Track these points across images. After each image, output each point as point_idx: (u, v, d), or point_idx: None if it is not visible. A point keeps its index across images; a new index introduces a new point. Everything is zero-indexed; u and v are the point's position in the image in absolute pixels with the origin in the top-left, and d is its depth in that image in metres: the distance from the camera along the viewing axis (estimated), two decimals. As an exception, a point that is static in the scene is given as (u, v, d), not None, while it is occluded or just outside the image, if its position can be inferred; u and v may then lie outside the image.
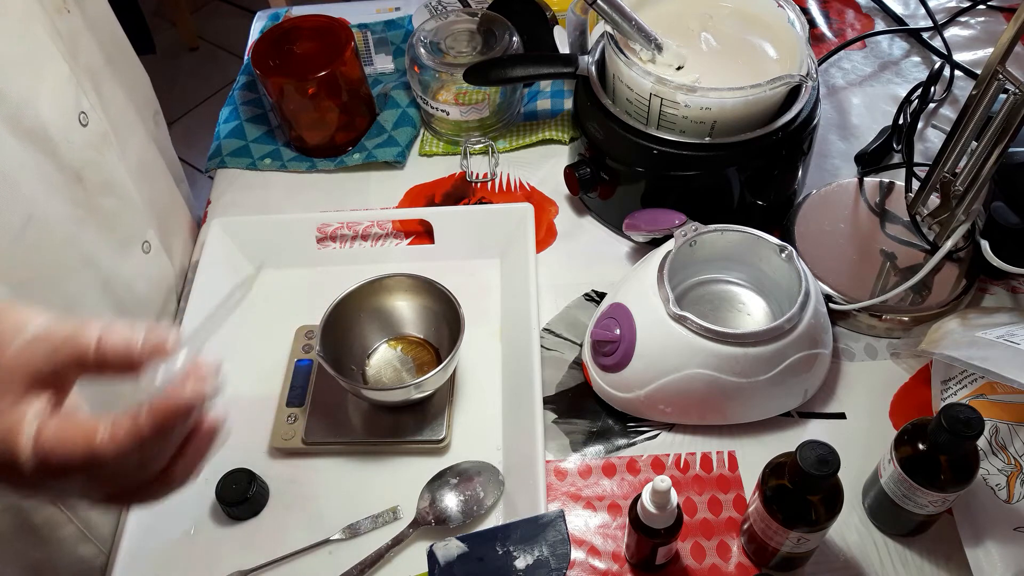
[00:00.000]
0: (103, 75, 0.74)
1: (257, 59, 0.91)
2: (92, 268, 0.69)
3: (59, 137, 0.63)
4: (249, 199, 0.95)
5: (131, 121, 0.78)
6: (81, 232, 0.67)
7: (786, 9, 0.81)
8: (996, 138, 0.67)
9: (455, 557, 0.60)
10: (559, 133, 0.97)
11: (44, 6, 0.64)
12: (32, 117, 0.61)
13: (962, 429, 0.55)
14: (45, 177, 0.63)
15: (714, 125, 0.76)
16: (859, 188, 0.88)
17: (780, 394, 0.71)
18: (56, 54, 0.64)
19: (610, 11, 0.76)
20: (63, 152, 0.64)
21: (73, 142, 0.65)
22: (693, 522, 0.68)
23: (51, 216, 0.64)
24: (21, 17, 0.61)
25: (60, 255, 0.66)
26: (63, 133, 0.64)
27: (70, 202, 0.66)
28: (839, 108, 1.00)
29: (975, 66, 1.02)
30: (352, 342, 0.76)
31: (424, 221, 0.87)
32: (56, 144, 0.63)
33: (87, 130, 0.67)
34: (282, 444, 0.73)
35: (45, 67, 0.63)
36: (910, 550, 0.66)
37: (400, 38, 1.11)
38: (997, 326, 0.71)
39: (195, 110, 2.39)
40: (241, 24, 1.23)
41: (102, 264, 0.70)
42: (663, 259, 0.71)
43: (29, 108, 0.60)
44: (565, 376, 0.78)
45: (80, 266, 0.68)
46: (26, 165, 0.61)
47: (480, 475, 0.69)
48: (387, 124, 0.98)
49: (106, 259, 0.71)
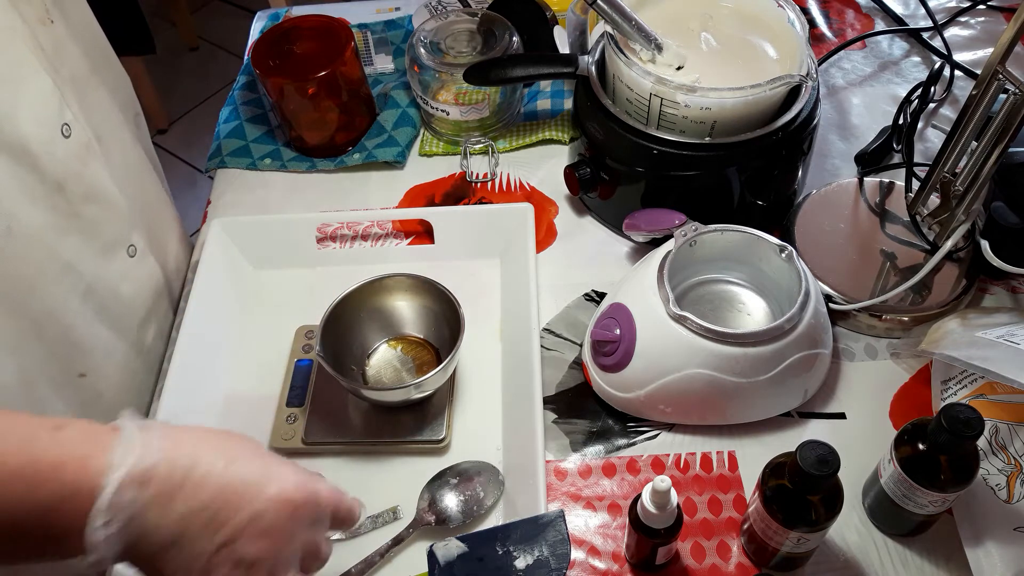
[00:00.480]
0: (88, 83, 0.74)
1: (257, 59, 0.91)
2: (73, 275, 0.69)
3: (40, 150, 0.64)
4: (249, 199, 0.95)
5: (116, 125, 0.78)
6: (62, 240, 0.67)
7: (786, 9, 0.81)
8: (996, 138, 0.67)
9: (455, 557, 0.60)
10: (559, 133, 0.97)
11: (26, 19, 0.64)
12: (11, 131, 0.61)
13: (962, 429, 0.55)
14: (25, 189, 0.63)
15: (714, 125, 0.76)
16: (859, 188, 0.88)
17: (780, 394, 0.71)
18: (38, 68, 0.64)
19: (610, 11, 0.76)
20: (44, 164, 0.64)
21: (55, 154, 0.65)
22: (693, 522, 0.68)
23: (31, 226, 0.64)
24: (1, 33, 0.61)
25: (40, 264, 0.66)
26: (45, 146, 0.64)
27: (51, 211, 0.66)
28: (839, 108, 1.00)
29: (975, 66, 1.02)
30: (352, 342, 0.76)
31: (424, 221, 0.87)
32: (37, 157, 0.63)
33: (70, 141, 0.67)
34: (282, 444, 0.73)
35: (26, 81, 0.63)
36: (910, 550, 0.66)
37: (400, 38, 1.11)
38: (997, 326, 0.71)
39: (195, 110, 2.39)
40: (241, 24, 1.23)
41: (84, 270, 0.70)
42: (663, 259, 0.71)
43: (7, 123, 0.61)
44: (565, 376, 0.78)
45: (60, 274, 0.68)
46: (5, 178, 0.61)
47: (480, 475, 0.69)
48: (387, 124, 0.98)
49: (88, 265, 0.71)
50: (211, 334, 0.79)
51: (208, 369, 0.77)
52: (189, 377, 0.74)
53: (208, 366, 0.78)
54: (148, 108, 2.22)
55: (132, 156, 0.82)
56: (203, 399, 0.75)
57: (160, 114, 2.31)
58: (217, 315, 0.81)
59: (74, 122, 0.67)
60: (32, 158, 0.63)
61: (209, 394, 0.76)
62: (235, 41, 2.54)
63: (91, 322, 0.72)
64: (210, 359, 0.78)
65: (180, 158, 2.24)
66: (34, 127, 0.63)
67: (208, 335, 0.79)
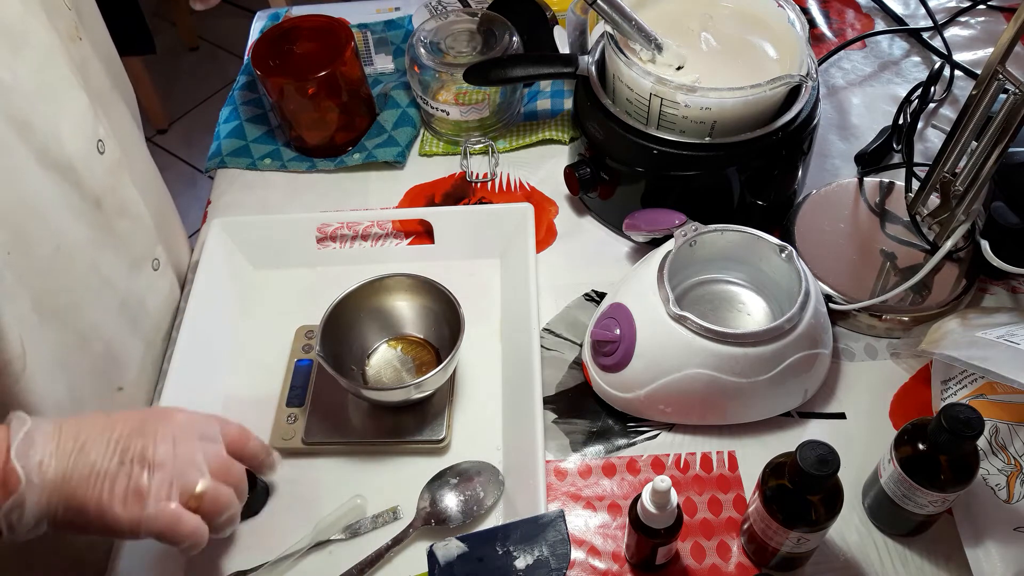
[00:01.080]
0: (111, 98, 0.75)
1: (257, 59, 0.91)
2: (110, 289, 0.71)
3: (81, 166, 0.65)
4: (249, 199, 0.95)
5: (135, 139, 0.80)
6: (100, 256, 0.69)
7: (786, 9, 0.81)
8: (996, 138, 0.67)
9: (455, 557, 0.60)
10: (559, 133, 0.97)
11: (61, 37, 0.65)
12: (57, 149, 0.62)
13: (962, 429, 0.55)
14: (70, 206, 0.65)
15: (714, 125, 0.76)
16: (859, 188, 0.88)
17: (780, 394, 0.71)
18: (75, 83, 0.65)
19: (610, 11, 0.76)
20: (85, 180, 0.66)
21: (94, 170, 0.67)
22: (693, 522, 0.68)
23: (75, 243, 0.65)
24: (45, 49, 0.62)
25: (84, 279, 0.67)
26: (85, 162, 0.65)
27: (91, 227, 0.67)
28: (839, 108, 1.00)
29: (975, 66, 1.02)
30: (352, 342, 0.76)
31: (424, 221, 0.87)
32: (79, 174, 0.65)
33: (104, 157, 0.68)
34: (282, 444, 0.73)
35: (66, 97, 0.64)
36: (910, 550, 0.66)
37: (400, 38, 1.11)
38: (997, 326, 0.71)
39: (195, 110, 2.39)
40: (241, 24, 1.23)
41: (119, 285, 0.72)
42: (663, 259, 0.71)
43: (54, 140, 0.62)
44: (565, 376, 0.78)
45: (101, 289, 0.69)
46: (54, 195, 0.63)
47: (480, 475, 0.69)
48: (387, 124, 0.98)
49: (122, 280, 0.72)
50: (211, 334, 0.79)
51: (208, 369, 0.77)
52: (189, 377, 0.74)
53: (208, 366, 0.78)
54: (148, 108, 2.22)
55: (149, 169, 0.83)
56: (203, 399, 0.75)
57: (160, 114, 2.31)
58: (217, 315, 0.81)
59: (106, 138, 0.69)
60: (76, 175, 0.64)
61: (209, 394, 0.76)
62: (235, 41, 2.54)
63: (126, 336, 0.74)
64: (210, 359, 0.78)
65: (180, 158, 2.24)
66: (75, 144, 0.64)
67: (208, 335, 0.79)
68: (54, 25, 0.63)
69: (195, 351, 0.76)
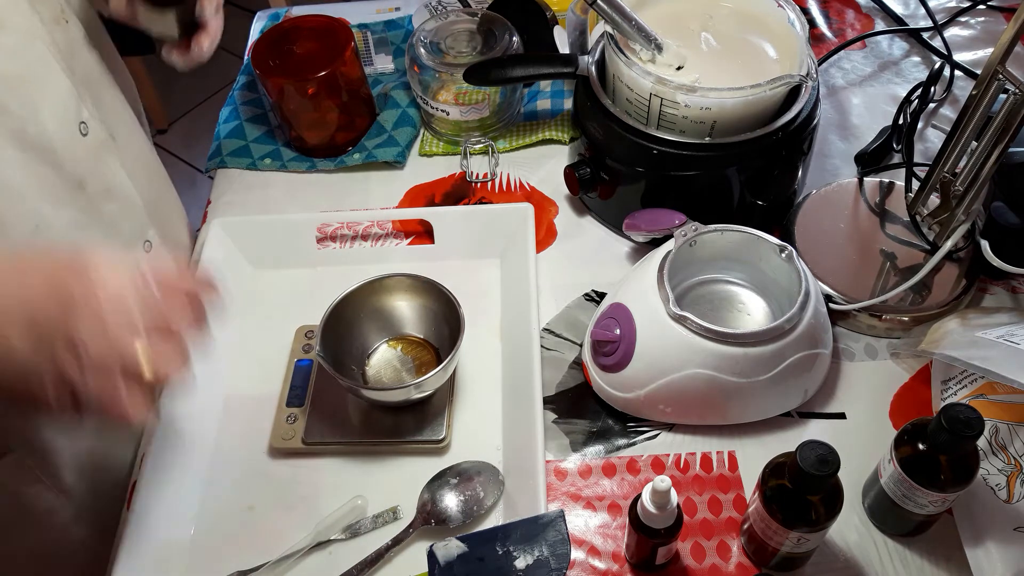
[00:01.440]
0: (101, 82, 0.75)
1: (257, 59, 0.91)
2: None
3: (62, 148, 0.65)
4: (249, 199, 0.95)
5: (127, 123, 0.80)
6: (85, 237, 0.69)
7: (786, 9, 0.81)
8: (996, 138, 0.67)
9: (455, 557, 0.60)
10: (559, 133, 0.97)
11: (43, 20, 0.65)
12: (35, 131, 0.62)
13: (962, 429, 0.55)
14: (50, 187, 0.65)
15: (714, 125, 0.76)
16: (859, 188, 0.88)
17: (780, 394, 0.71)
18: (56, 68, 0.65)
19: (610, 11, 0.76)
20: (66, 162, 0.66)
21: (75, 152, 0.67)
22: (693, 522, 0.68)
23: (56, 224, 0.65)
24: (23, 34, 0.62)
25: None
26: (65, 144, 0.66)
27: (74, 209, 0.67)
28: (839, 108, 1.00)
29: (975, 66, 1.02)
30: (352, 342, 0.76)
31: (424, 221, 0.87)
32: (59, 155, 0.65)
33: (87, 139, 0.68)
34: (282, 444, 0.73)
35: (46, 81, 0.64)
36: (910, 550, 0.66)
37: (400, 38, 1.11)
38: (997, 326, 0.71)
39: (195, 110, 2.39)
40: (241, 24, 1.23)
41: None
42: (663, 259, 0.71)
43: (32, 123, 0.62)
44: (565, 376, 0.78)
45: None
46: (32, 177, 0.63)
47: (480, 475, 0.69)
48: (387, 124, 0.98)
49: None
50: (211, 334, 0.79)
51: (208, 369, 0.77)
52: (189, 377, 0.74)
53: (208, 366, 0.77)
54: (148, 108, 2.22)
55: (143, 153, 0.83)
56: (203, 399, 0.75)
57: (160, 114, 2.30)
58: (217, 315, 0.81)
59: (90, 120, 0.69)
60: (55, 157, 0.65)
61: (209, 394, 0.76)
62: (235, 41, 2.52)
63: None
64: (210, 359, 0.78)
65: (180, 158, 2.24)
66: (55, 126, 0.64)
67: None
68: (35, 9, 0.64)
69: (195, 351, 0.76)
